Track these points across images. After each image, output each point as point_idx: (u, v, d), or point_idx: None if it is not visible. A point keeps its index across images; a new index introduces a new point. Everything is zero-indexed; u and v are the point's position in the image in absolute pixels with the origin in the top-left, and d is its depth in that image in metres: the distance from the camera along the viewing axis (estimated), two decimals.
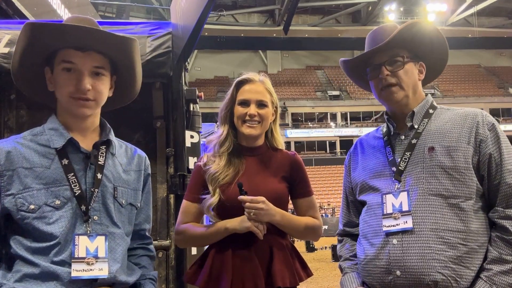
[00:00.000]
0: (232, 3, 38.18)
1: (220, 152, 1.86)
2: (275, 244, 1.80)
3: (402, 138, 1.65)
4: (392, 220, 1.55)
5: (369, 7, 37.57)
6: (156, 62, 2.49)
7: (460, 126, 1.57)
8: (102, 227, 1.42)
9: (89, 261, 1.35)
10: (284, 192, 1.86)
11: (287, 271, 1.76)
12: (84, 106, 1.43)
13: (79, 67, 1.41)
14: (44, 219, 1.34)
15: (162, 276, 2.52)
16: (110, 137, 1.52)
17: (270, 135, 1.95)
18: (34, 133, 1.46)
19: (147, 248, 1.65)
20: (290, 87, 40.98)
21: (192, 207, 1.86)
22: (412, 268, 1.47)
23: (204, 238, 1.81)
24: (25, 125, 2.48)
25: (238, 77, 1.95)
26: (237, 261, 1.74)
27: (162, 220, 2.57)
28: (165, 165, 2.60)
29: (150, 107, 2.64)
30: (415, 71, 1.67)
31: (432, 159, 1.54)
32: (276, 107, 1.95)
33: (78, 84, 1.40)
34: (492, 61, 44.82)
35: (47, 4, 5.01)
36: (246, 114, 1.83)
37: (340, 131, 38.30)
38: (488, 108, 38.13)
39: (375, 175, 1.67)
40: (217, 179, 1.80)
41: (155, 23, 2.74)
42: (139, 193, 1.58)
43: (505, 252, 1.45)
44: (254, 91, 1.86)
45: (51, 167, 1.38)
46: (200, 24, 2.17)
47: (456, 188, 1.50)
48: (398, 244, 1.52)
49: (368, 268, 1.60)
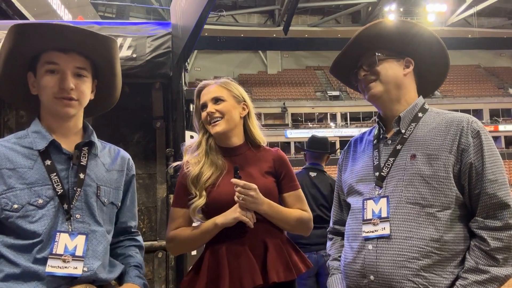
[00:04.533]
0: (232, 3, 38.17)
1: (197, 154, 1.88)
2: (269, 239, 1.80)
3: (389, 142, 1.64)
4: (371, 226, 1.55)
5: (369, 8, 37.57)
6: (156, 62, 2.49)
7: (444, 134, 1.53)
8: (84, 225, 1.45)
9: (65, 258, 1.38)
10: (272, 186, 1.86)
11: (281, 265, 1.76)
12: (68, 106, 1.48)
13: (62, 67, 1.46)
14: (27, 217, 1.38)
15: (162, 276, 2.52)
16: (92, 139, 1.56)
17: (249, 132, 1.94)
18: (18, 136, 1.51)
19: (134, 238, 1.69)
20: (290, 87, 40.96)
21: (180, 212, 1.86)
22: (384, 274, 1.48)
23: (195, 239, 1.81)
24: (25, 125, 2.46)
25: None
26: (233, 259, 1.74)
27: (162, 220, 2.57)
28: (165, 165, 2.60)
29: (150, 107, 2.65)
30: (397, 66, 1.64)
31: (412, 167, 1.53)
32: (246, 102, 1.94)
33: (62, 83, 1.45)
34: (492, 62, 44.81)
35: (47, 4, 5.01)
36: (207, 115, 1.87)
37: (340, 131, 38.25)
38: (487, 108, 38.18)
39: (360, 179, 1.67)
40: (199, 181, 1.80)
41: (155, 23, 2.74)
42: (120, 192, 1.62)
43: (482, 262, 1.43)
44: (208, 92, 1.91)
45: (33, 168, 1.43)
46: (200, 24, 2.17)
47: (434, 197, 1.49)
48: (372, 250, 1.52)
49: (346, 271, 1.62)
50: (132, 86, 2.57)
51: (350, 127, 38.79)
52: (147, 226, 2.58)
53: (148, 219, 2.58)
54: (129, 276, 1.56)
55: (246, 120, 1.94)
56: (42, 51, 1.47)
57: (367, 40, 1.65)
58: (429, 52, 1.67)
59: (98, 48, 1.52)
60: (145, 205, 2.58)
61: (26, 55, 1.49)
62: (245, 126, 1.95)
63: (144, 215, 2.57)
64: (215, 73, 41.44)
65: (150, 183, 2.60)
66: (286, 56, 44.81)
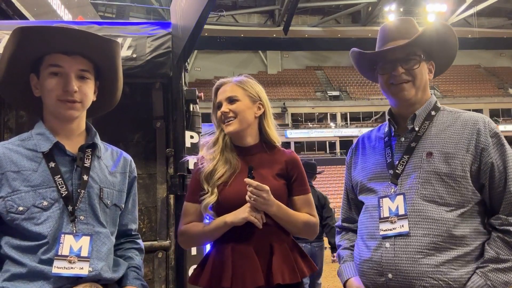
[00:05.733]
0: (232, 3, 38.15)
1: (213, 151, 1.89)
2: (275, 241, 1.80)
3: (402, 140, 1.64)
4: (389, 224, 1.55)
5: (369, 8, 37.55)
6: (156, 62, 2.49)
7: (460, 133, 1.55)
8: (88, 226, 1.46)
9: (71, 259, 1.39)
10: (282, 189, 1.86)
11: (286, 268, 1.77)
12: (72, 108, 1.49)
13: (66, 70, 1.47)
14: (32, 220, 1.39)
15: (162, 276, 2.52)
16: (95, 141, 1.57)
17: (264, 132, 1.94)
18: (22, 138, 1.51)
19: (134, 241, 1.70)
20: (290, 87, 40.97)
21: (192, 207, 1.88)
22: (403, 272, 1.49)
23: (205, 235, 1.83)
24: (25, 125, 2.48)
25: None
26: (237, 259, 1.75)
27: (162, 220, 2.57)
28: (165, 166, 2.60)
29: (150, 107, 2.64)
30: (427, 70, 1.67)
31: (429, 165, 1.54)
32: (262, 101, 1.94)
33: (66, 86, 1.46)
34: (492, 62, 44.81)
35: (47, 4, 5.01)
36: (221, 114, 1.88)
37: (340, 131, 38.28)
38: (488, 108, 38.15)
39: (373, 177, 1.67)
40: (212, 178, 1.82)
41: (155, 24, 2.73)
42: (123, 194, 1.63)
43: (503, 252, 1.45)
44: (223, 91, 1.92)
45: (38, 170, 1.43)
46: (200, 24, 2.17)
47: (450, 196, 1.50)
48: (390, 248, 1.53)
49: (362, 269, 1.62)
50: (132, 86, 2.57)
51: (350, 127, 38.79)
52: (147, 226, 2.57)
53: (148, 219, 2.58)
54: (127, 279, 1.58)
55: (262, 120, 1.94)
56: (45, 53, 1.48)
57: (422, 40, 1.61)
58: (448, 55, 1.70)
59: (101, 50, 1.53)
60: (145, 205, 2.58)
61: (29, 57, 1.49)
62: (260, 126, 1.94)
63: (144, 215, 2.57)
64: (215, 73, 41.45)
65: (150, 183, 2.60)
66: (286, 56, 44.81)
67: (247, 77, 1.98)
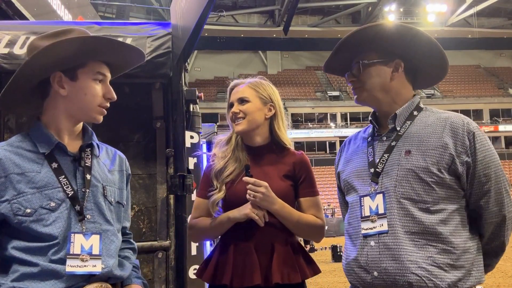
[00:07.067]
0: (232, 3, 38.18)
1: (225, 149, 1.95)
2: (278, 240, 1.82)
3: (384, 139, 1.66)
4: (370, 223, 1.57)
5: (369, 8, 37.58)
6: (156, 62, 2.49)
7: (439, 132, 1.56)
8: (95, 225, 1.47)
9: (83, 257, 1.41)
10: (288, 190, 1.88)
11: (286, 268, 1.77)
12: (103, 114, 1.56)
13: (107, 79, 1.56)
14: (41, 221, 1.39)
15: (162, 276, 2.52)
16: (93, 140, 1.59)
17: (274, 133, 1.97)
18: (20, 139, 1.50)
19: (129, 241, 1.72)
20: (290, 87, 40.99)
21: (202, 203, 1.94)
22: (387, 269, 1.50)
23: (211, 229, 1.89)
24: (25, 125, 2.48)
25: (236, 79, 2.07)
26: (238, 256, 1.79)
27: (162, 220, 2.57)
28: (165, 166, 2.60)
29: (150, 108, 2.64)
30: (384, 71, 1.65)
31: (407, 162, 1.55)
32: (273, 103, 1.97)
33: (109, 94, 1.54)
34: (492, 62, 44.83)
35: (47, 4, 5.01)
36: (232, 114, 1.94)
37: (340, 131, 38.29)
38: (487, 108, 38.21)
39: (356, 176, 1.69)
40: (221, 175, 1.88)
41: (155, 24, 2.73)
42: (124, 192, 1.66)
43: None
44: (236, 92, 1.97)
45: (41, 171, 1.43)
46: (200, 24, 2.17)
47: (426, 193, 1.52)
48: (375, 246, 1.54)
49: (349, 268, 1.63)
50: (132, 86, 2.57)
51: (350, 127, 38.81)
52: (147, 226, 2.57)
53: (148, 219, 2.58)
54: (129, 278, 1.59)
55: (272, 121, 1.97)
56: (90, 60, 1.52)
57: (357, 44, 1.66)
58: (420, 50, 1.67)
59: (131, 62, 1.63)
60: (145, 205, 2.58)
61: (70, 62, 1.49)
62: (271, 127, 1.97)
63: (144, 215, 2.57)
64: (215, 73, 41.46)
65: (150, 183, 2.60)
66: (286, 56, 44.84)
67: (262, 78, 2.03)
